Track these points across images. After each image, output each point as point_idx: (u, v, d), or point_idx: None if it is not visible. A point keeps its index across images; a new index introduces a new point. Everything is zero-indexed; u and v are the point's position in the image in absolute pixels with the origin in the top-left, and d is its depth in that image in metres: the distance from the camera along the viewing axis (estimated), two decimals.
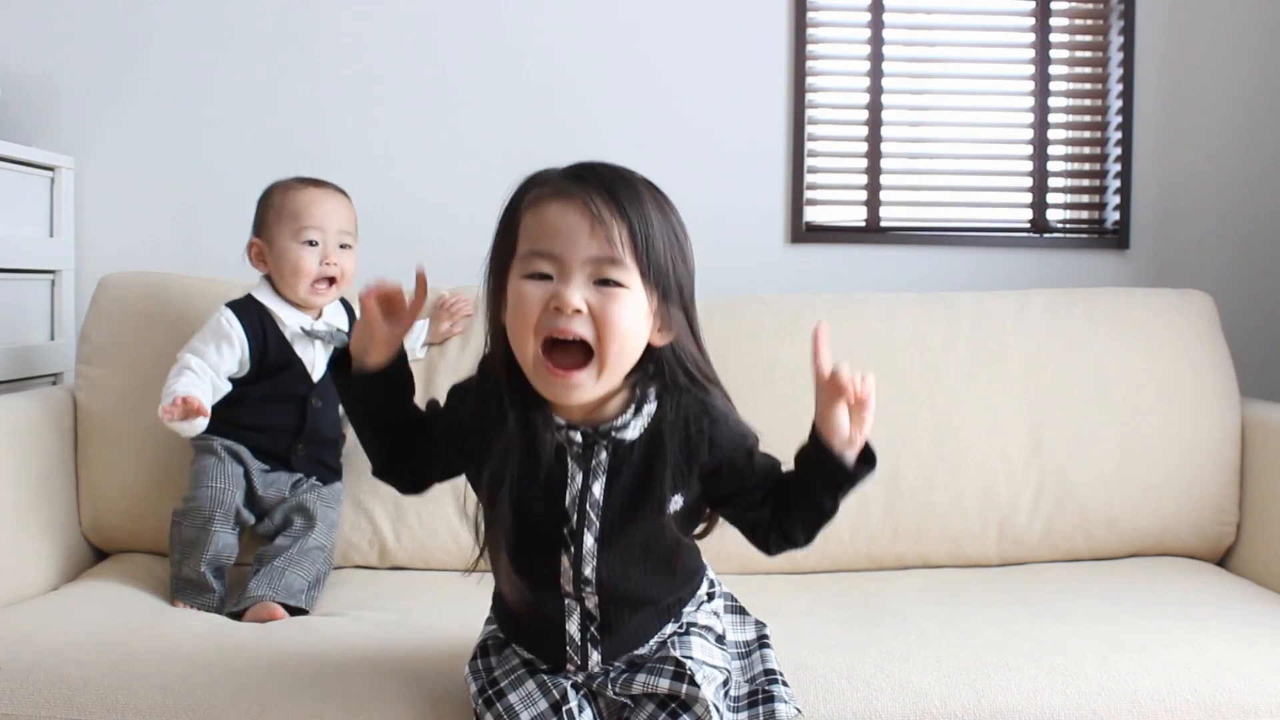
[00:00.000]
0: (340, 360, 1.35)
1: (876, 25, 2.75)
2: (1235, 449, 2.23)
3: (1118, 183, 2.77)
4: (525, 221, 1.25)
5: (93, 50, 2.64)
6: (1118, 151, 2.77)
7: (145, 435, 2.14)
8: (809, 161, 2.74)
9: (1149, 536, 2.21)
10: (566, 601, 1.36)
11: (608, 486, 1.32)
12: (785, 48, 2.71)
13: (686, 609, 1.44)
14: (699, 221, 2.89)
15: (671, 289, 1.27)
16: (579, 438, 1.31)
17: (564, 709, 1.34)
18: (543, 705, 1.34)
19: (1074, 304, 2.31)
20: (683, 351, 1.31)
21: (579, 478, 1.32)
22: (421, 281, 1.33)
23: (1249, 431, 2.23)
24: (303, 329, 2.06)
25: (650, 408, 1.32)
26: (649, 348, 1.30)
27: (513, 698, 1.35)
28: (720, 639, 1.44)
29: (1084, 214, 2.83)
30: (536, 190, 1.26)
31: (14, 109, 2.58)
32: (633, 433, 1.31)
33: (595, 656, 1.37)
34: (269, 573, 1.87)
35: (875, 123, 2.77)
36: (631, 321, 1.24)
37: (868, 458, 1.30)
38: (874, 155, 2.77)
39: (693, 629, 1.42)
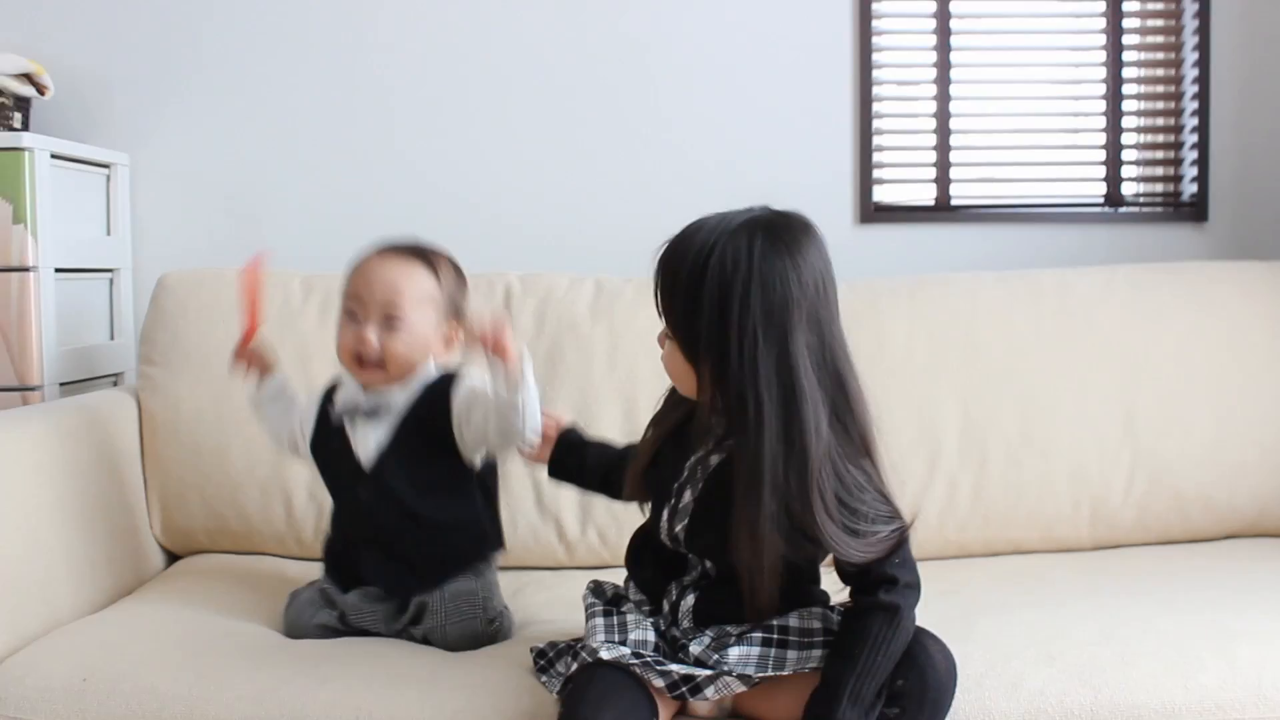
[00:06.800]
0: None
1: None
2: None
3: (1195, 153, 2.68)
4: None
5: (146, 46, 2.59)
6: (1194, 121, 2.68)
7: (213, 435, 2.10)
8: (876, 139, 2.67)
9: (1245, 517, 2.15)
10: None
11: None
12: (850, 23, 2.63)
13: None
14: (765, 202, 2.80)
15: None
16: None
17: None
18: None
19: (1159, 279, 2.24)
20: None
21: None
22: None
23: None
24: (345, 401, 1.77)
25: None
26: None
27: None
28: None
29: (1159, 186, 2.74)
30: None
31: (68, 106, 2.54)
32: None
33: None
34: None
35: (943, 98, 2.69)
36: None
37: None
38: (943, 131, 2.69)
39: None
